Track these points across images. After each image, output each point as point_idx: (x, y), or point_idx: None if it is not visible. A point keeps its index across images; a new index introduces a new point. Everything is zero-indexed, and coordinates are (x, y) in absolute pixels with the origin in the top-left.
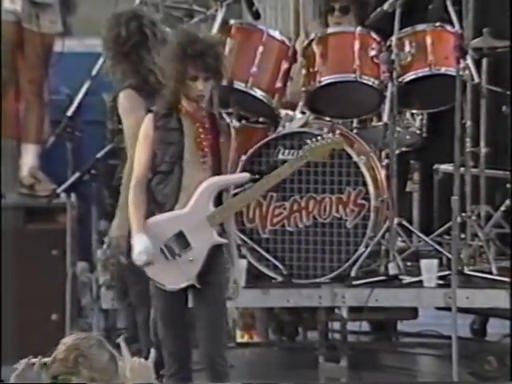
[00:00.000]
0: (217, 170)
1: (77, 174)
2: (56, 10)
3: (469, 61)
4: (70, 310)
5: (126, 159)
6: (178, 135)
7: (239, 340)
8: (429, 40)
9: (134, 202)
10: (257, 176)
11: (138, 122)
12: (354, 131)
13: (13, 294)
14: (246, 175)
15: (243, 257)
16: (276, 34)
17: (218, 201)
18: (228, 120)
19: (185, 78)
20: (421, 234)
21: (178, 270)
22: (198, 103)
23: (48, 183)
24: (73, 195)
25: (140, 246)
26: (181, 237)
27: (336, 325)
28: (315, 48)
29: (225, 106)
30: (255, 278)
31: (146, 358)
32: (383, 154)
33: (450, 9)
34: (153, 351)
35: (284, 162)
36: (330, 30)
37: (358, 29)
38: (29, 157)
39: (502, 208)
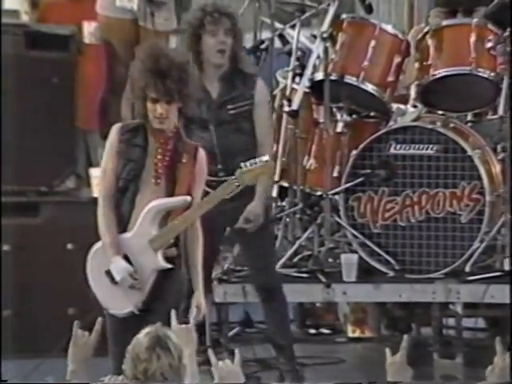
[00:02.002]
0: (170, 193)
1: None
2: (171, 8)
3: None
4: None
5: None
6: (139, 153)
7: (350, 335)
8: None
9: (104, 219)
10: (368, 171)
11: None
12: (469, 125)
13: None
14: (188, 198)
15: (354, 251)
16: (389, 27)
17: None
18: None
19: (146, 99)
20: None
21: (123, 295)
22: (158, 125)
23: None
24: None
25: (119, 273)
26: (127, 260)
27: (451, 321)
28: (429, 41)
29: (335, 100)
30: (366, 273)
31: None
32: (499, 147)
33: None
34: (237, 353)
35: (396, 156)
36: (445, 23)
37: (475, 20)
38: None
39: None
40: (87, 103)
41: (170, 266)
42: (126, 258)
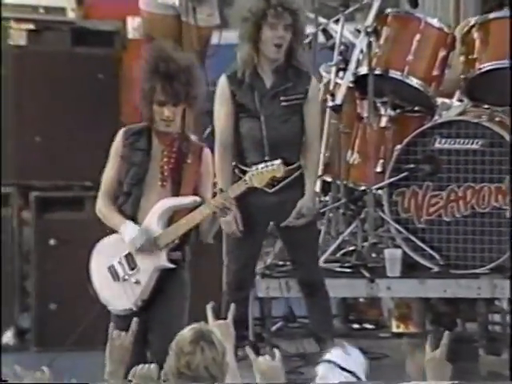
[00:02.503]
0: (175, 194)
1: None
2: (213, 3)
3: None
4: None
5: None
6: (142, 156)
7: (394, 330)
8: None
9: (107, 210)
10: (412, 166)
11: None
12: None
13: None
14: (197, 199)
15: (398, 246)
16: (434, 21)
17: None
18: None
19: (152, 101)
20: None
21: (123, 291)
22: (165, 128)
23: None
24: None
25: (130, 233)
26: (129, 258)
27: (496, 317)
28: (475, 34)
29: (379, 95)
30: (411, 268)
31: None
32: None
33: None
34: (277, 351)
35: (441, 150)
36: (492, 16)
37: None
38: None
39: None
40: (131, 98)
41: (173, 266)
42: (130, 255)
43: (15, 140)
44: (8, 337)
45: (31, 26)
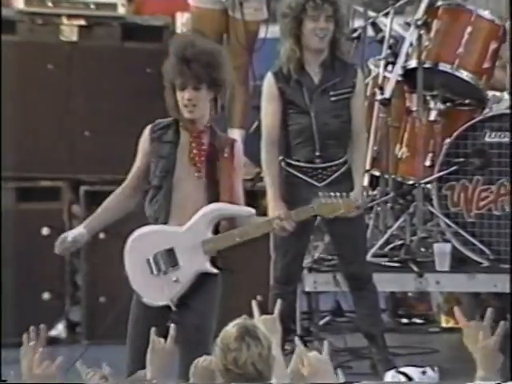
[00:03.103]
0: (212, 188)
1: None
2: None
3: None
4: None
5: None
6: (169, 148)
7: (444, 325)
8: None
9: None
10: (462, 159)
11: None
12: None
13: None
14: (251, 210)
15: (447, 241)
16: (485, 13)
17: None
18: None
19: (175, 87)
20: None
21: (160, 286)
22: (188, 114)
23: (252, 167)
24: None
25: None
26: (171, 254)
27: None
28: None
29: (429, 88)
30: (460, 263)
31: None
32: None
33: None
34: (326, 343)
35: (491, 144)
36: None
37: None
38: None
39: None
40: None
41: (216, 271)
42: (172, 251)
43: (65, 135)
44: (59, 330)
45: (82, 22)
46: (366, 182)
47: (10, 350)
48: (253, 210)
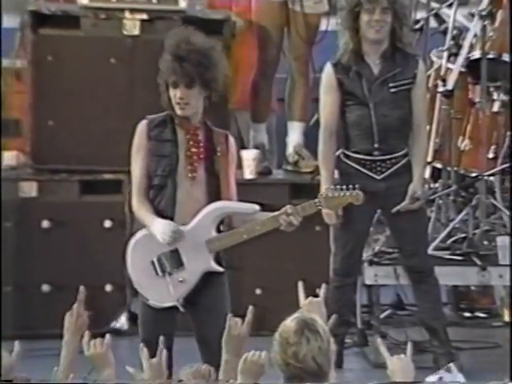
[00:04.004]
0: (212, 184)
1: None
2: None
3: None
4: None
5: None
6: (171, 147)
7: (507, 319)
8: None
9: (144, 208)
10: None
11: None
12: None
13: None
14: (256, 207)
15: (510, 234)
16: None
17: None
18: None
19: (168, 84)
20: None
21: (165, 287)
22: (180, 111)
23: (311, 160)
24: None
25: (161, 228)
26: (175, 254)
27: None
28: None
29: (493, 79)
30: None
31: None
32: None
33: None
34: (410, 344)
35: None
36: None
37: None
38: (294, 134)
39: None
40: (238, 84)
41: (221, 269)
42: (177, 252)
43: (128, 128)
44: (121, 322)
45: (144, 16)
46: (427, 174)
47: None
48: (257, 207)
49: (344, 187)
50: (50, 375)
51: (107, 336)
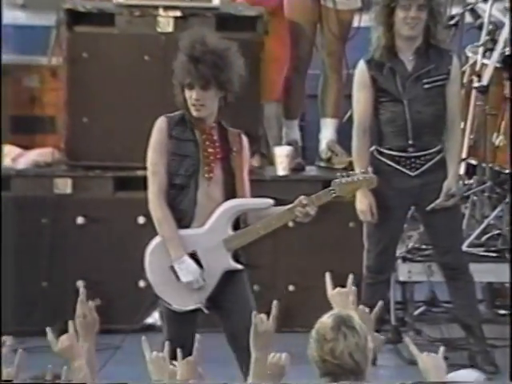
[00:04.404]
0: (228, 184)
1: None
2: None
3: None
4: None
5: None
6: (193, 147)
7: None
8: None
9: (162, 214)
10: None
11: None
12: None
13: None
14: (270, 201)
15: None
16: None
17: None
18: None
19: (183, 86)
20: None
21: (187, 291)
22: (196, 112)
23: (344, 156)
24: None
25: (188, 275)
26: (194, 257)
27: None
28: None
29: None
30: None
31: None
32: None
33: None
34: (442, 348)
35: None
36: None
37: None
38: (327, 131)
39: None
40: (269, 78)
41: (240, 267)
42: (194, 255)
43: None
44: (155, 318)
45: (178, 14)
46: (462, 170)
47: (112, 335)
48: (271, 201)
49: (357, 172)
50: None
51: (70, 327)
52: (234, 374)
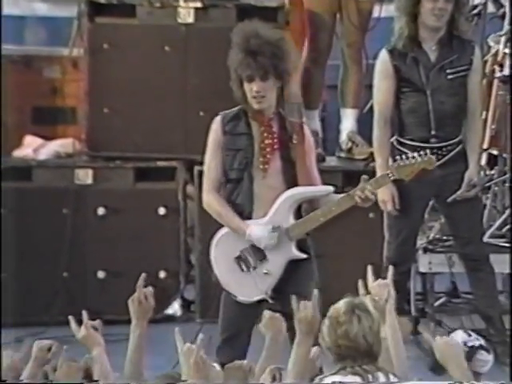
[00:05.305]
0: (290, 174)
1: None
2: None
3: None
4: None
5: None
6: (246, 140)
7: None
8: None
9: (222, 208)
10: None
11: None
12: None
13: None
14: (330, 188)
15: None
16: None
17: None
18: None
19: (242, 79)
20: None
21: (252, 282)
22: (257, 105)
23: (365, 147)
24: None
25: (262, 238)
26: (257, 248)
27: None
28: None
29: None
30: None
31: None
32: None
33: None
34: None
35: None
36: None
37: None
38: (348, 121)
39: None
40: None
41: (304, 256)
42: (257, 246)
43: (181, 115)
44: (175, 308)
45: (198, 4)
46: (483, 161)
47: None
48: (331, 188)
49: (415, 154)
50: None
51: (84, 317)
52: None
